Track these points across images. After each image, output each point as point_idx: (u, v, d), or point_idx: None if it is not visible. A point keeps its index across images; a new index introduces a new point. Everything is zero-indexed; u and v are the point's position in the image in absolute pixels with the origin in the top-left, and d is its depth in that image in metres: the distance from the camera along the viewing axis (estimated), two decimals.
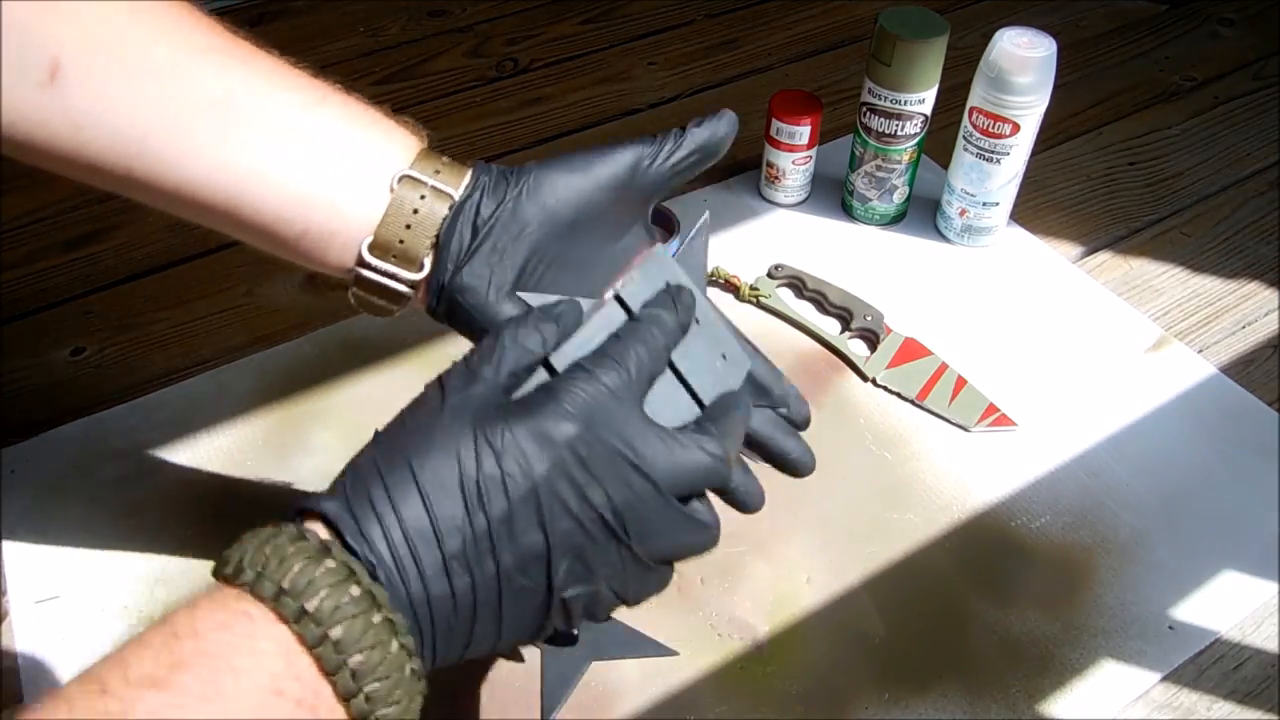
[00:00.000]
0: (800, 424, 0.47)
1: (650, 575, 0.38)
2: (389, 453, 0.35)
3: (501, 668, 0.54)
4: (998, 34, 0.70)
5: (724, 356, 0.42)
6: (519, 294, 0.43)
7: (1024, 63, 0.68)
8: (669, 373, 0.40)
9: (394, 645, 0.32)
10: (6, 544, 0.59)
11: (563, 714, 0.52)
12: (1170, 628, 0.57)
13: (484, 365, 0.37)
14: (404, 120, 0.44)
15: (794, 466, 0.46)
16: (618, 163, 0.44)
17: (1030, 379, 0.69)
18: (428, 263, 0.42)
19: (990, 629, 0.56)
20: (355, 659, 0.31)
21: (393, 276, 0.42)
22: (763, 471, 0.56)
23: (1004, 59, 0.69)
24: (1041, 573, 0.59)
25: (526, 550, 0.34)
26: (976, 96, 0.72)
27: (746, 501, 0.44)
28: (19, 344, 0.73)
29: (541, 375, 0.37)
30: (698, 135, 0.45)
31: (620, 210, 0.44)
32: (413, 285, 0.43)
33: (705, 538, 0.39)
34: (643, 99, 0.97)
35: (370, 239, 0.42)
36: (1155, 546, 0.60)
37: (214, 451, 0.65)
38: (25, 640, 0.55)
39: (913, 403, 0.68)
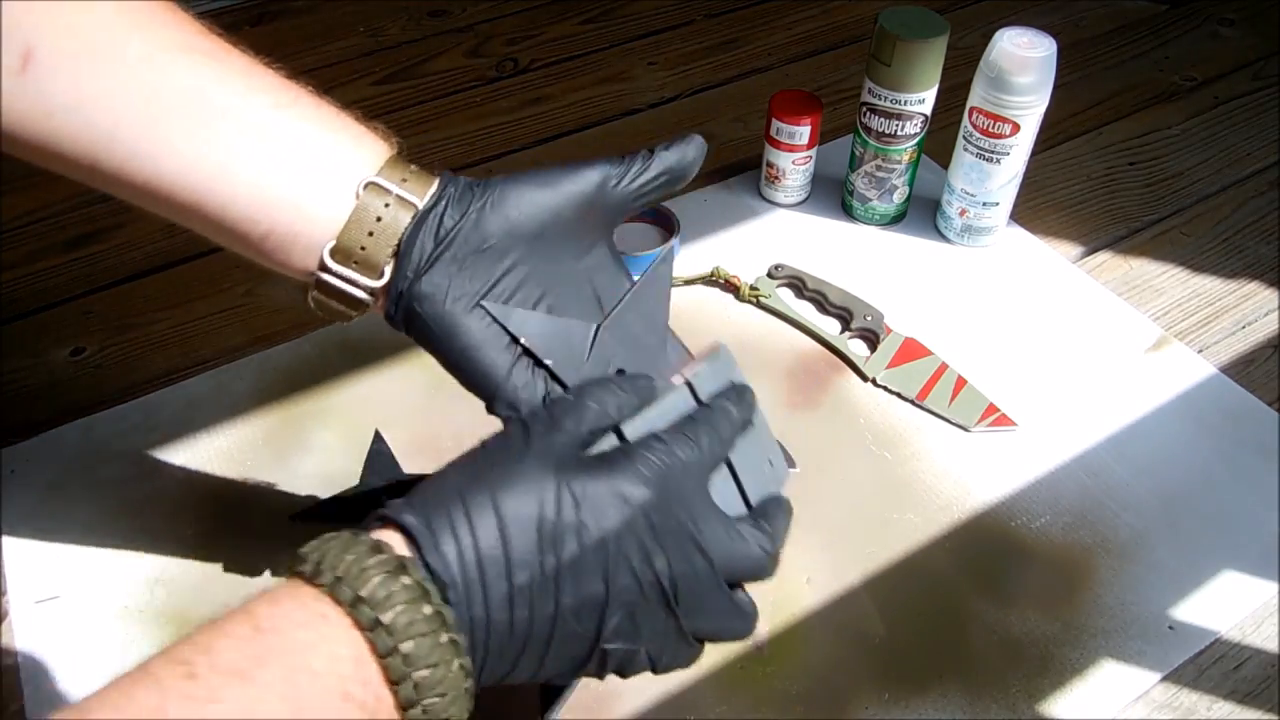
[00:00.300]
0: (779, 484, 0.48)
1: (686, 650, 0.39)
2: (471, 480, 0.36)
3: None
4: (998, 34, 0.70)
5: (770, 462, 0.44)
6: (483, 304, 0.43)
7: (1024, 63, 0.68)
8: (724, 467, 0.41)
9: (455, 664, 0.34)
10: (7, 544, 0.59)
11: (563, 714, 0.52)
12: (1170, 628, 0.57)
13: (567, 417, 0.38)
14: (375, 126, 0.45)
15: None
16: (584, 180, 0.44)
17: (1030, 379, 0.69)
18: (388, 270, 0.43)
19: (990, 629, 0.56)
20: (420, 673, 0.33)
21: (352, 282, 0.43)
22: None
23: (1004, 59, 0.69)
24: (1041, 573, 0.59)
25: (586, 598, 0.36)
26: (976, 96, 0.72)
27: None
28: (19, 344, 0.73)
29: (611, 439, 0.39)
30: (666, 158, 0.46)
31: (584, 228, 0.45)
32: (372, 292, 0.43)
33: (745, 626, 0.41)
34: (643, 99, 0.97)
35: (332, 244, 0.42)
36: (1155, 546, 0.60)
37: (214, 451, 0.65)
38: (25, 640, 0.55)
39: (913, 403, 0.68)
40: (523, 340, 0.43)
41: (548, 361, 0.43)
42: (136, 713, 0.29)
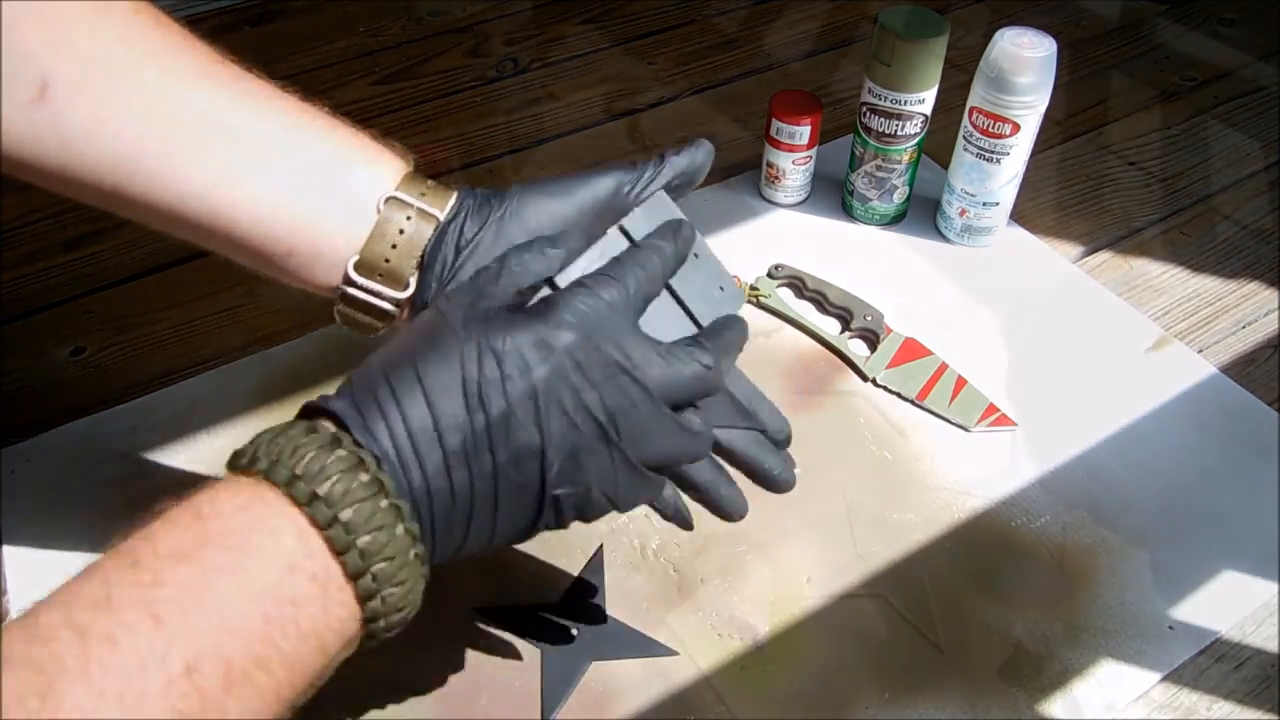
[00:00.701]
0: (781, 443, 0.48)
1: (640, 481, 0.40)
2: (394, 358, 0.37)
3: (501, 668, 0.54)
4: (998, 34, 0.70)
5: (721, 288, 0.45)
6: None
7: (1024, 63, 0.68)
8: (668, 296, 0.42)
9: (399, 529, 0.34)
10: (7, 544, 0.59)
11: (563, 714, 0.52)
12: (1170, 628, 0.57)
13: (489, 284, 0.39)
14: (390, 143, 0.46)
15: (775, 483, 0.48)
16: (598, 188, 0.46)
17: (1030, 379, 0.69)
18: (413, 282, 0.44)
19: (990, 629, 0.56)
20: (363, 539, 0.33)
21: (378, 295, 0.44)
22: None
23: (1004, 59, 0.69)
24: (1041, 573, 0.59)
25: (522, 447, 0.37)
26: (976, 96, 0.72)
27: (730, 511, 0.46)
28: (19, 344, 0.73)
29: (546, 294, 0.39)
30: (677, 163, 0.47)
31: (599, 230, 0.46)
32: (398, 303, 0.44)
33: (694, 444, 0.41)
34: (643, 99, 0.97)
35: (356, 258, 0.43)
36: (1155, 546, 0.60)
37: (214, 451, 0.65)
38: None
39: (913, 403, 0.68)
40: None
41: None
42: (82, 605, 0.30)
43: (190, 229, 0.43)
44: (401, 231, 0.43)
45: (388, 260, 0.43)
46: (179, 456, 0.64)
